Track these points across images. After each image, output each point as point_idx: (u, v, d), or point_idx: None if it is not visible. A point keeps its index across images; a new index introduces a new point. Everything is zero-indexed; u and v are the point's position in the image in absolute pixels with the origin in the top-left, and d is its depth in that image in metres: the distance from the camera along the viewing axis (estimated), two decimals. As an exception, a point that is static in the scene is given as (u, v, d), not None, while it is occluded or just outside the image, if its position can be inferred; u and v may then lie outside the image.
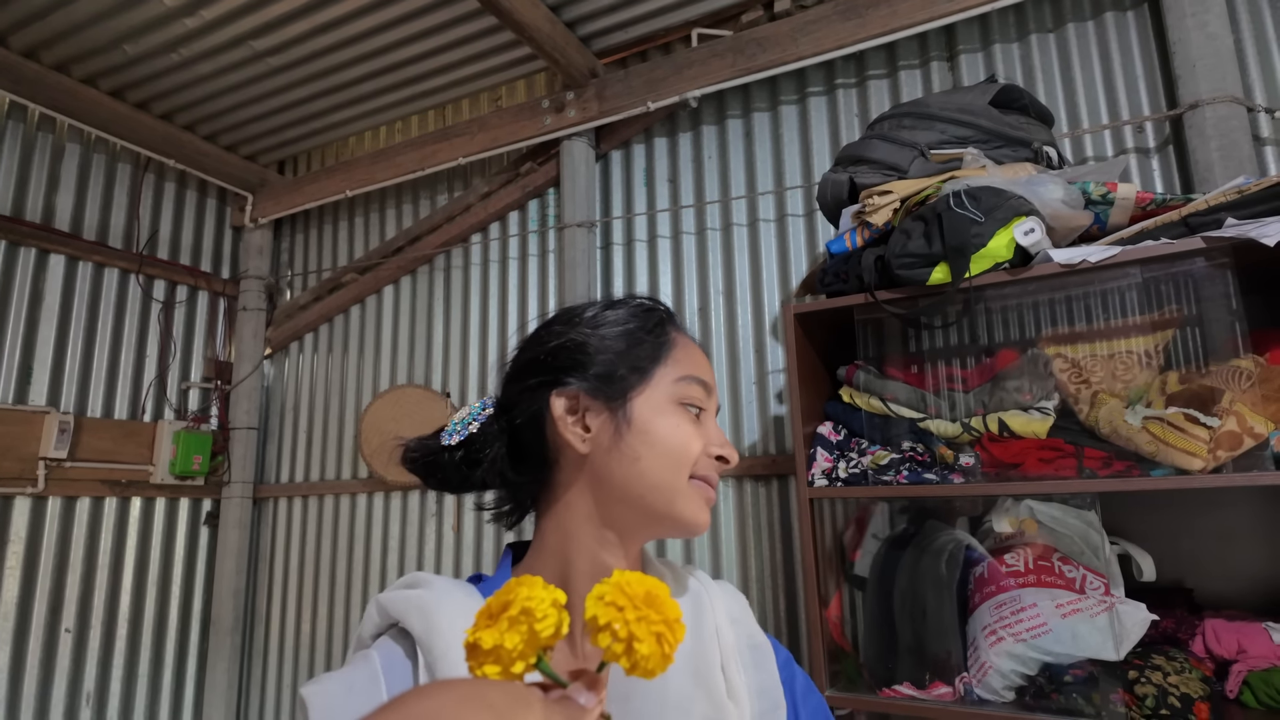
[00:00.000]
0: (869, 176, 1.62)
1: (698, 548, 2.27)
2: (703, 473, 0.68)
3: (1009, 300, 1.62)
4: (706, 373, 0.73)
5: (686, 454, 0.67)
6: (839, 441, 1.65)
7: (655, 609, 0.40)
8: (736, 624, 0.73)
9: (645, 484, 0.66)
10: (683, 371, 0.71)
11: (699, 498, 0.68)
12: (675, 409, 0.69)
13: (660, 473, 0.66)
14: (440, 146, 2.79)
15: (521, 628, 0.39)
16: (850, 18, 2.13)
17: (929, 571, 1.47)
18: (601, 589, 0.41)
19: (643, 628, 0.39)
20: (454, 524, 2.71)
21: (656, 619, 0.40)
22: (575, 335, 0.70)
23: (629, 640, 0.39)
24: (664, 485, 0.66)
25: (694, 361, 0.73)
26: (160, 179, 3.07)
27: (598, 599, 0.40)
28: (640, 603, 0.40)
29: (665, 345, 0.72)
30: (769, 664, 0.72)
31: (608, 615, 0.40)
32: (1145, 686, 1.26)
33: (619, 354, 0.69)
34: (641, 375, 0.69)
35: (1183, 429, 1.25)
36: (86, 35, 2.44)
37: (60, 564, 2.58)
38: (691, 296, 2.43)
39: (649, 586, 0.41)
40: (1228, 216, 1.28)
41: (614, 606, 0.40)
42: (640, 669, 0.39)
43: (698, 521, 0.67)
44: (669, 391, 0.69)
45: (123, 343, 2.87)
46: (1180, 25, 1.78)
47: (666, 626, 0.40)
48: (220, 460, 3.07)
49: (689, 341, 0.75)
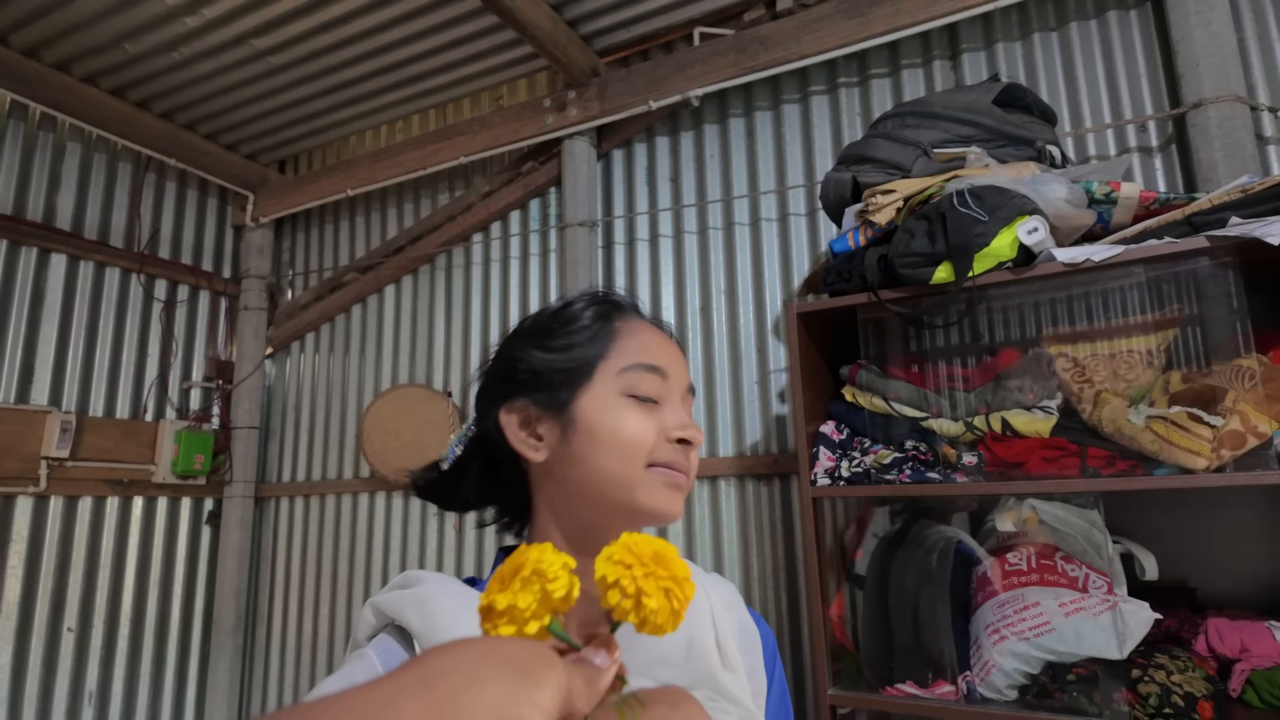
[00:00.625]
0: (872, 175, 1.62)
1: (699, 547, 2.27)
2: (663, 459, 0.66)
3: (1012, 299, 1.62)
4: (659, 356, 0.70)
5: (636, 444, 0.65)
6: (842, 441, 1.65)
7: (663, 566, 0.41)
8: (728, 609, 0.74)
9: (602, 481, 0.66)
10: (627, 361, 0.69)
11: (661, 485, 0.66)
12: (622, 401, 0.67)
13: (613, 468, 0.65)
14: (441, 145, 2.79)
15: (534, 588, 0.39)
16: (853, 16, 2.13)
17: (920, 568, 1.47)
18: (610, 549, 0.41)
19: (650, 583, 0.40)
20: (455, 524, 2.71)
21: (664, 575, 0.40)
22: (517, 348, 0.73)
23: (637, 595, 0.39)
24: (620, 480, 0.65)
25: (643, 348, 0.70)
26: (161, 178, 3.07)
27: (606, 559, 0.41)
28: (648, 560, 0.41)
29: (607, 338, 0.70)
30: (756, 648, 0.74)
31: (616, 572, 0.40)
32: (1149, 685, 1.26)
33: (559, 358, 0.70)
34: (584, 376, 0.68)
35: (1186, 428, 1.25)
36: (87, 34, 2.44)
37: (62, 563, 2.58)
38: (694, 296, 2.43)
39: (656, 546, 0.42)
40: (1232, 215, 1.28)
41: (621, 564, 0.40)
42: (650, 624, 0.40)
43: (664, 510, 0.66)
44: (613, 385, 0.68)
45: (124, 342, 2.87)
46: (1183, 23, 1.78)
47: (675, 583, 0.40)
48: (222, 460, 3.07)
49: (643, 327, 0.73)
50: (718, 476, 2.26)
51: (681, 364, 0.72)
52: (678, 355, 0.73)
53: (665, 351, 0.71)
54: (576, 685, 0.37)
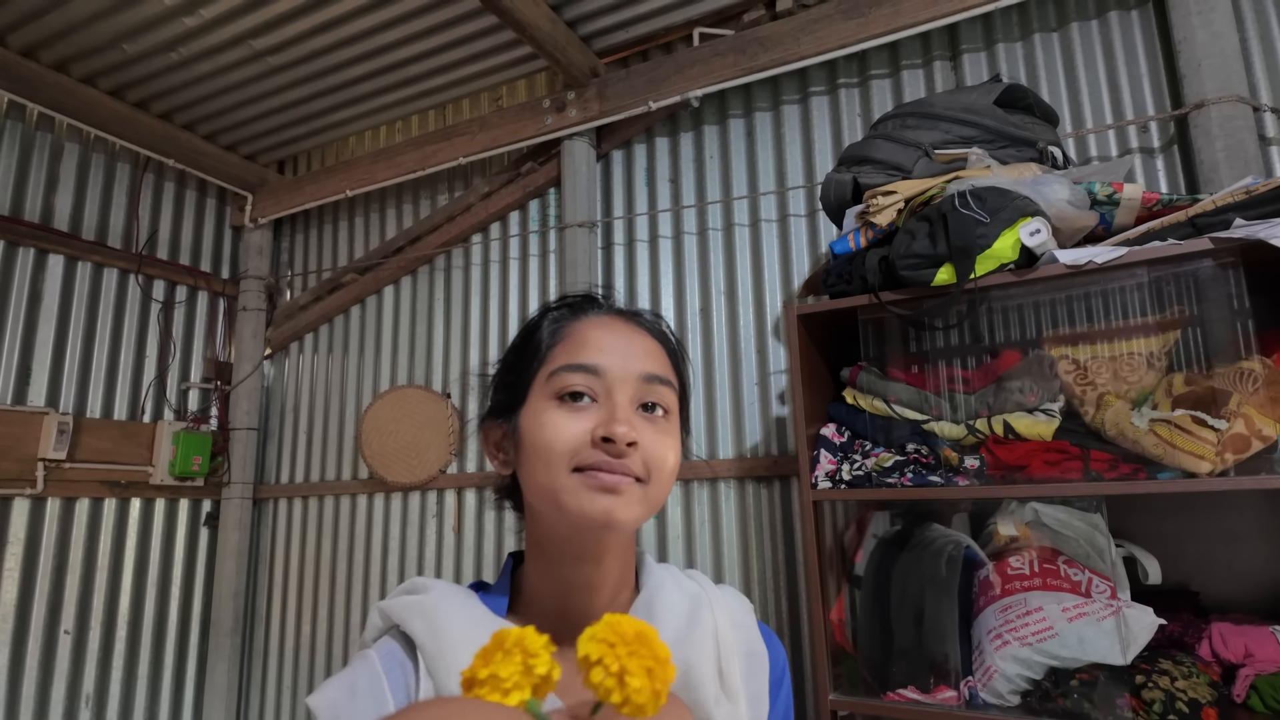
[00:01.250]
0: (873, 176, 1.61)
1: (699, 550, 2.26)
2: (588, 462, 0.62)
3: (1013, 301, 1.60)
4: (592, 353, 0.66)
5: (553, 448, 0.62)
6: (842, 443, 1.64)
7: (646, 646, 0.41)
8: (739, 629, 0.71)
9: (534, 489, 0.65)
10: (556, 364, 0.66)
11: (584, 489, 0.61)
12: (549, 405, 0.65)
13: (537, 475, 0.64)
14: (441, 146, 2.78)
15: (516, 659, 0.40)
16: (853, 17, 2.12)
17: (928, 572, 1.46)
18: (593, 629, 0.42)
19: (634, 663, 0.40)
20: (454, 525, 2.70)
21: (647, 655, 0.41)
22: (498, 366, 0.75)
23: (620, 674, 0.40)
24: (545, 486, 0.63)
25: (577, 348, 0.67)
26: (159, 178, 3.06)
27: (590, 638, 0.42)
28: (631, 640, 0.41)
29: (550, 344, 0.68)
30: (763, 672, 0.72)
31: (599, 651, 0.41)
32: (1153, 691, 1.25)
33: (507, 377, 0.71)
34: (524, 388, 0.68)
35: (1190, 431, 1.24)
36: (85, 34, 2.43)
37: (59, 565, 2.57)
38: (693, 297, 2.42)
39: (639, 628, 0.42)
40: (1236, 217, 1.27)
41: (605, 643, 0.41)
42: (631, 704, 0.40)
43: (587, 514, 0.61)
44: (545, 391, 0.66)
45: (122, 343, 2.86)
46: (1185, 24, 1.77)
47: (657, 663, 0.41)
48: (220, 461, 3.06)
49: (591, 324, 0.69)
50: (718, 479, 2.25)
51: (634, 351, 0.67)
52: (628, 345, 0.67)
53: (605, 345, 0.67)
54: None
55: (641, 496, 0.63)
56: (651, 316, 0.74)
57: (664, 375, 0.68)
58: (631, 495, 0.62)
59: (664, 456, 0.65)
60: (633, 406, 0.65)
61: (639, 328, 0.71)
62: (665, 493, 0.66)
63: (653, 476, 0.64)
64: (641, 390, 0.66)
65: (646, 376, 0.66)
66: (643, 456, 0.63)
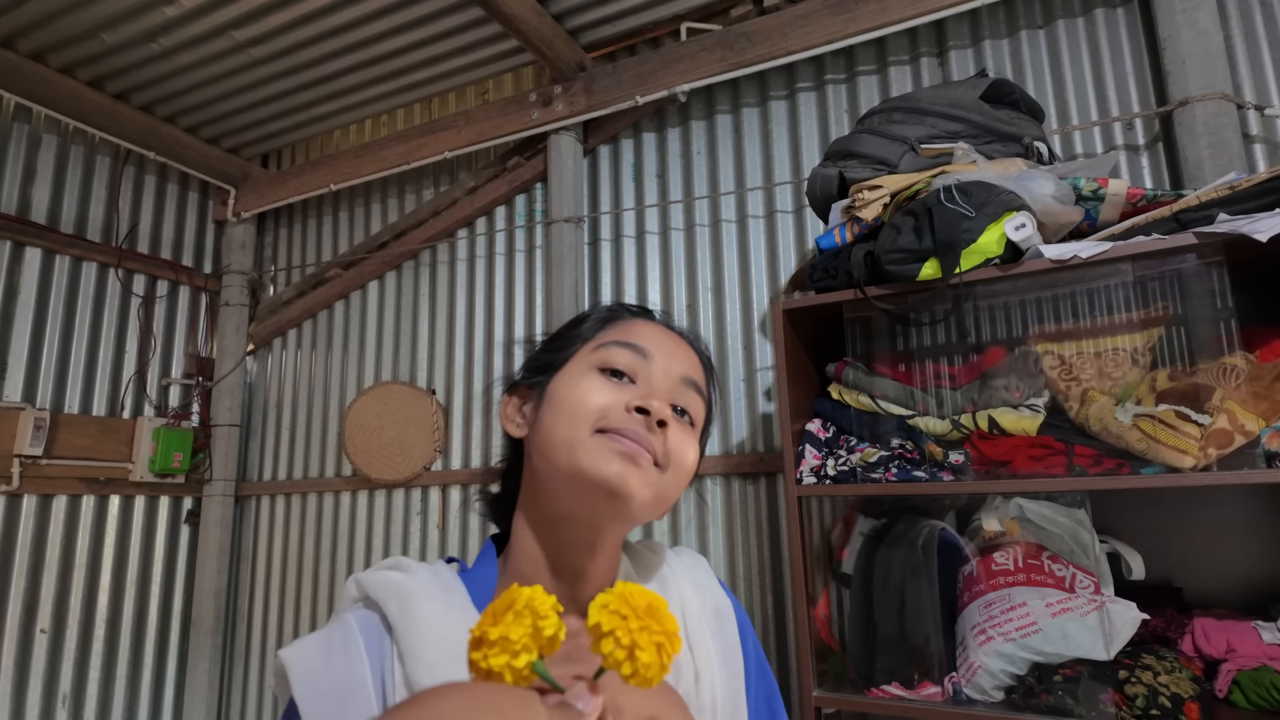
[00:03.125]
0: (859, 171, 1.60)
1: (685, 546, 2.24)
2: (614, 425, 0.62)
3: (999, 297, 1.60)
4: (644, 338, 0.68)
5: (584, 407, 0.63)
6: (828, 439, 1.64)
7: (656, 620, 0.42)
8: (701, 589, 0.73)
9: (550, 444, 0.64)
10: (608, 339, 0.68)
11: (605, 449, 0.61)
12: (588, 373, 0.66)
13: (558, 429, 0.63)
14: (426, 140, 2.75)
15: (526, 622, 0.40)
16: (840, 12, 2.12)
17: (906, 560, 1.46)
18: (605, 598, 0.42)
19: (645, 637, 0.40)
20: (439, 522, 2.68)
21: (658, 629, 0.41)
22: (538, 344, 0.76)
23: (631, 648, 0.40)
24: (562, 440, 0.62)
25: (631, 332, 0.69)
26: (140, 171, 3.02)
27: (601, 607, 0.42)
28: (642, 613, 0.41)
29: (603, 326, 0.71)
30: (731, 627, 0.73)
31: (611, 623, 0.41)
32: (1135, 686, 1.25)
33: (555, 344, 0.72)
34: (565, 357, 0.70)
35: (1174, 426, 1.24)
36: (63, 23, 2.38)
37: (35, 563, 2.53)
38: (680, 293, 2.41)
39: (650, 599, 0.43)
40: (1219, 212, 1.27)
41: (618, 615, 0.41)
42: (639, 677, 0.40)
43: (604, 474, 0.60)
44: (586, 360, 0.68)
45: (101, 338, 2.82)
46: (1170, 21, 1.77)
47: (667, 638, 0.41)
48: (201, 458, 3.02)
49: (647, 324, 0.72)
50: (704, 475, 2.24)
51: (679, 355, 0.69)
52: (677, 348, 0.70)
53: (657, 338, 0.69)
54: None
55: (655, 480, 0.62)
56: (700, 341, 0.77)
57: (700, 385, 0.70)
58: (648, 472, 0.62)
59: (685, 453, 0.65)
60: (667, 400, 0.66)
61: (685, 341, 0.73)
62: (677, 491, 0.66)
63: (670, 468, 0.64)
64: (678, 391, 0.67)
65: (686, 380, 0.68)
66: (666, 445, 0.63)
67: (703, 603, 0.72)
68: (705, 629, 0.69)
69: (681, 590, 0.70)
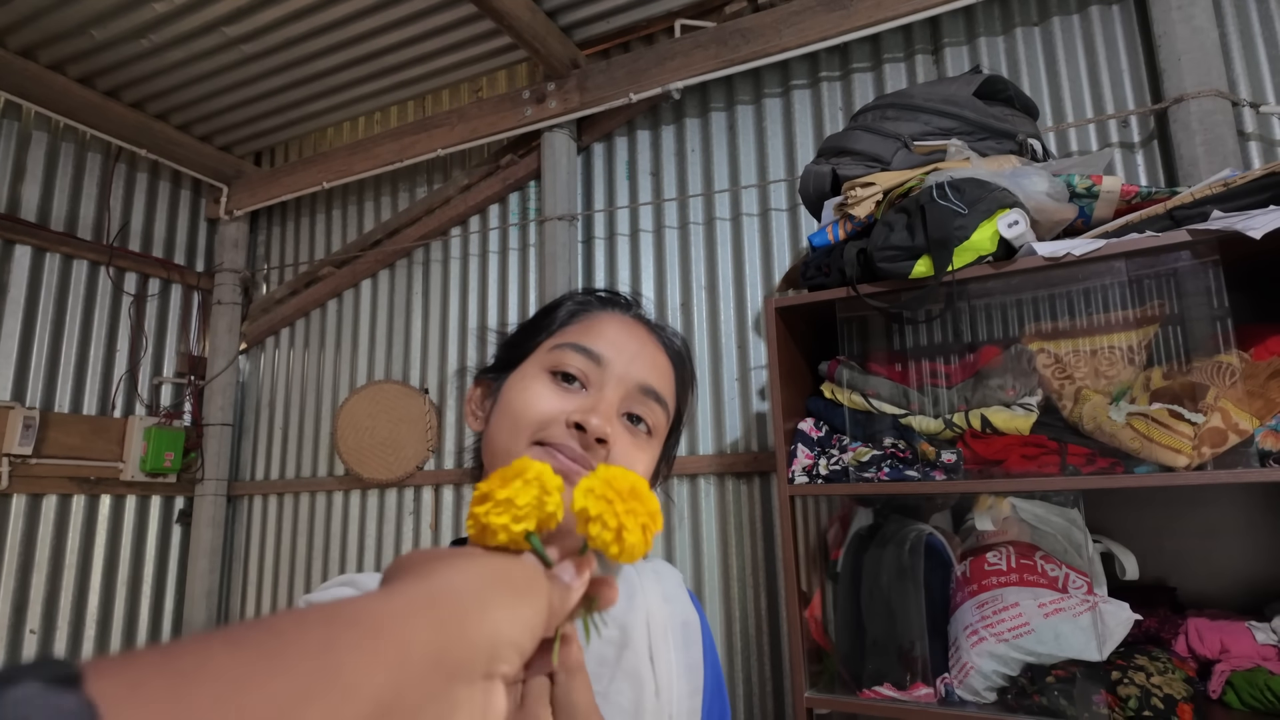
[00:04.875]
0: (852, 168, 1.59)
1: (679, 546, 2.23)
2: (552, 439, 0.60)
3: (992, 295, 1.59)
4: (602, 343, 0.65)
5: (524, 416, 0.61)
6: (820, 438, 1.62)
7: (640, 501, 0.43)
8: (670, 601, 0.72)
9: (491, 449, 0.64)
10: (564, 340, 0.65)
11: None
12: (538, 376, 0.64)
13: (499, 436, 0.63)
14: (419, 138, 2.74)
15: (534, 491, 0.42)
16: (835, 9, 2.10)
17: (893, 563, 1.45)
18: (590, 482, 0.43)
19: (631, 519, 0.42)
20: (431, 522, 2.66)
21: (642, 511, 0.43)
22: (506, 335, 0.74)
23: (619, 530, 0.42)
24: (501, 449, 0.62)
25: (589, 332, 0.66)
26: (132, 169, 3.00)
27: (586, 491, 0.43)
28: (627, 495, 0.43)
29: (565, 322, 0.69)
30: (696, 644, 0.71)
31: (599, 507, 0.42)
32: (1128, 687, 1.24)
33: (522, 334, 0.71)
34: (525, 352, 0.68)
35: (1167, 425, 1.23)
36: (53, 19, 2.36)
37: (25, 564, 2.51)
38: (674, 292, 2.40)
39: (633, 481, 0.44)
40: (1214, 209, 1.26)
41: (604, 499, 0.43)
42: (626, 555, 0.42)
43: None
44: (540, 361, 0.65)
45: (92, 336, 2.80)
46: (1165, 18, 1.76)
47: (650, 518, 0.43)
48: (193, 457, 3.00)
49: (611, 319, 0.68)
50: (697, 474, 2.23)
51: (642, 357, 0.66)
52: (642, 349, 0.66)
53: (618, 341, 0.65)
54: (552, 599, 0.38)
55: None
56: (674, 335, 0.73)
57: (661, 394, 0.66)
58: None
59: (631, 467, 0.61)
60: (620, 410, 0.63)
61: (658, 342, 0.69)
62: None
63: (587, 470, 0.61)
64: (634, 399, 0.64)
65: (644, 388, 0.64)
66: (609, 460, 0.60)
67: (671, 615, 0.70)
68: (670, 642, 0.68)
69: (649, 601, 0.69)
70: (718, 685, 0.73)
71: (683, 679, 0.67)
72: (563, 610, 0.40)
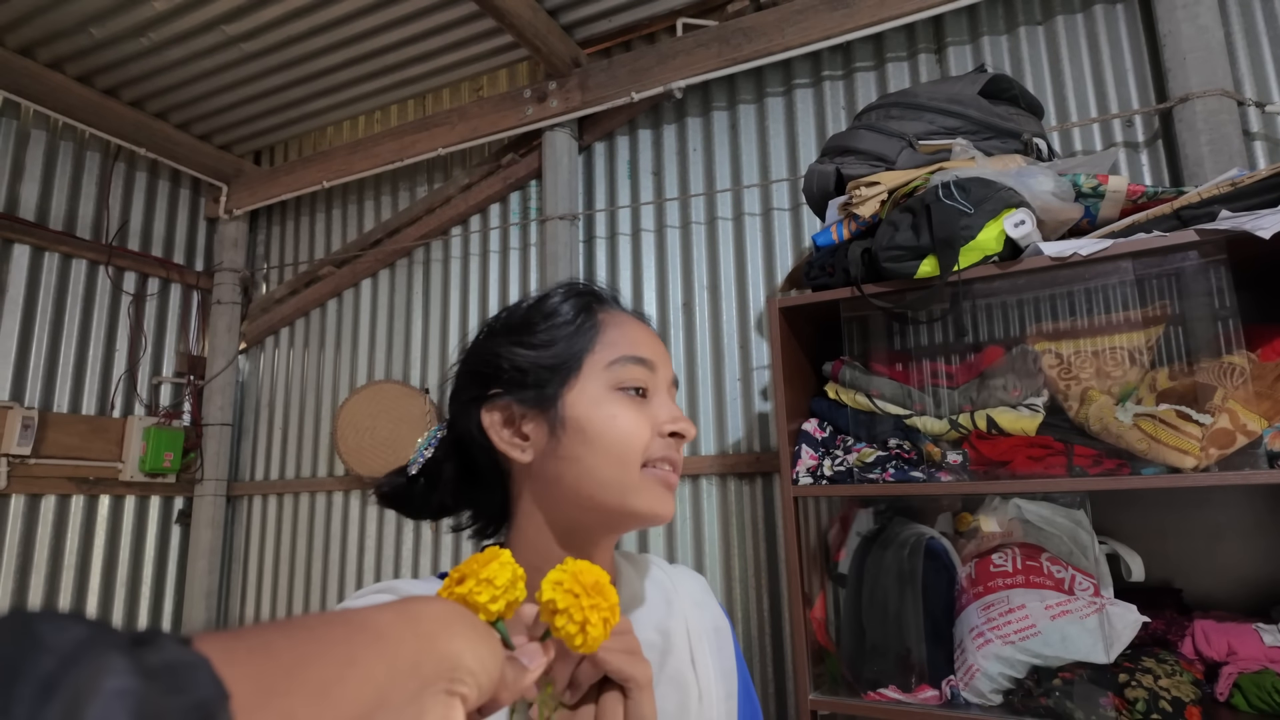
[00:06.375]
0: (856, 167, 1.58)
1: (680, 547, 2.22)
2: (657, 456, 0.63)
3: (998, 295, 1.59)
4: (646, 348, 0.67)
5: (631, 445, 0.62)
6: (824, 439, 1.62)
7: (603, 596, 0.47)
8: (701, 608, 0.73)
9: (593, 483, 0.62)
10: (616, 354, 0.65)
11: (655, 486, 0.63)
12: (612, 396, 0.64)
13: (605, 469, 0.62)
14: (419, 137, 2.73)
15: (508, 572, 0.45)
16: (838, 8, 2.10)
17: (894, 566, 1.44)
18: (558, 575, 0.47)
19: (595, 614, 0.46)
20: (432, 524, 2.65)
21: (605, 605, 0.46)
22: (497, 344, 0.68)
23: (583, 624, 0.45)
24: (612, 482, 0.62)
25: (629, 340, 0.67)
26: (131, 168, 2.98)
27: (554, 585, 0.46)
28: (592, 591, 0.46)
29: (593, 330, 0.67)
30: (729, 647, 0.73)
31: (565, 601, 0.45)
32: (1136, 690, 1.23)
33: (543, 354, 0.66)
34: (569, 370, 0.65)
35: (1175, 426, 1.22)
36: (52, 17, 2.35)
37: (24, 564, 2.50)
38: (676, 292, 2.39)
39: (597, 576, 0.47)
40: (1221, 209, 1.25)
41: (571, 594, 0.46)
42: (587, 647, 0.46)
43: (658, 513, 0.63)
44: (603, 379, 0.64)
45: (91, 336, 2.78)
46: (1170, 17, 1.76)
47: (610, 612, 0.47)
48: (193, 457, 2.99)
49: (625, 319, 0.70)
50: (699, 475, 2.22)
51: (665, 355, 0.70)
52: (662, 347, 0.70)
53: (650, 343, 0.69)
54: (507, 674, 0.41)
55: None
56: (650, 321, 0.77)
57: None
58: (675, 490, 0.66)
59: None
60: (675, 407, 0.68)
61: (653, 330, 0.73)
62: None
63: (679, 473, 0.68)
64: (670, 392, 0.69)
65: (674, 380, 0.71)
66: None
67: (703, 621, 0.71)
68: (706, 647, 0.69)
69: (685, 608, 0.70)
70: (748, 689, 0.74)
71: (719, 683, 0.68)
72: (516, 687, 0.42)
